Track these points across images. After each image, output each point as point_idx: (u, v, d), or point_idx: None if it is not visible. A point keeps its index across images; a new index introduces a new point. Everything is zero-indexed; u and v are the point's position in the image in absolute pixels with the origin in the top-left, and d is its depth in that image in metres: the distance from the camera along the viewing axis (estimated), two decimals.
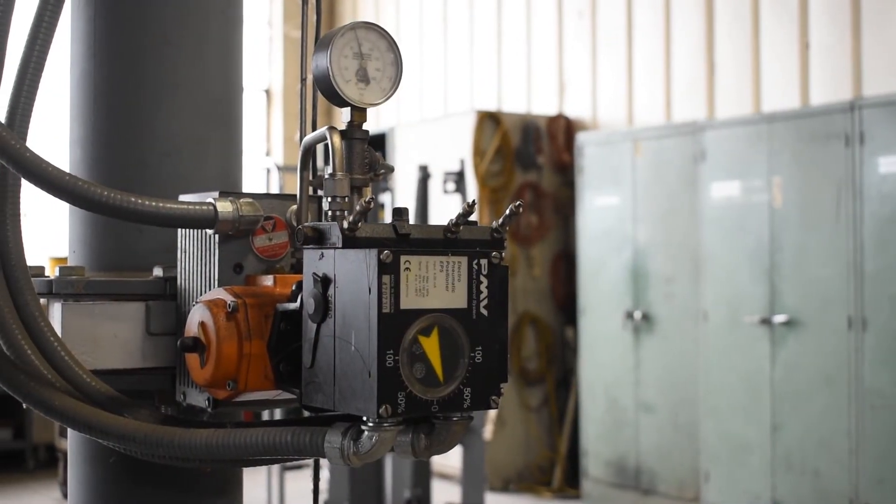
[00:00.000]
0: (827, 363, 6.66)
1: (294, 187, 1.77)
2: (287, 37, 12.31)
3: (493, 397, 1.49)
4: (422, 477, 6.44)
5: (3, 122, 1.61)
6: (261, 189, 8.06)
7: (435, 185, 7.92)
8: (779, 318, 6.91)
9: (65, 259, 1.96)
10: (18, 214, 1.69)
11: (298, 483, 8.22)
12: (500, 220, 1.54)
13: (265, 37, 12.45)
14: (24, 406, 1.66)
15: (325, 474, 6.49)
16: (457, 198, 7.96)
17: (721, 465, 7.31)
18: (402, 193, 8.59)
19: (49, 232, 8.48)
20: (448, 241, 1.51)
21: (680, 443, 7.66)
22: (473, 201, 1.50)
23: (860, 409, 6.47)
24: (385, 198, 8.02)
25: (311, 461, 1.86)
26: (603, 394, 8.26)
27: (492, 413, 8.58)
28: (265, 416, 6.46)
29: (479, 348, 1.47)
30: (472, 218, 1.53)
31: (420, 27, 11.34)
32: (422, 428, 1.51)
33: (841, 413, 6.57)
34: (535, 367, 9.11)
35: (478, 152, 8.94)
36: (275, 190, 8.39)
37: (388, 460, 6.34)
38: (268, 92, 12.50)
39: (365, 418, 1.43)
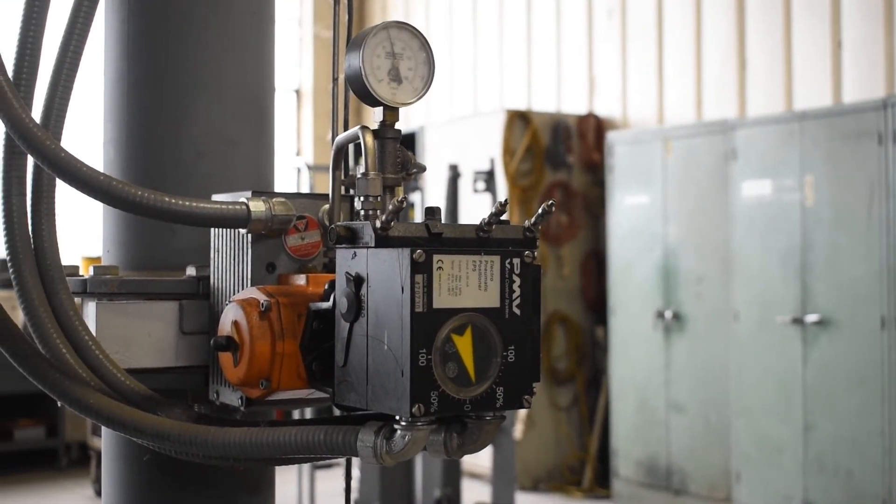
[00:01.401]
0: (859, 363, 6.61)
1: (324, 187, 1.77)
2: (317, 37, 12.34)
3: (526, 397, 1.49)
4: (452, 476, 6.45)
5: (38, 122, 1.62)
6: (291, 188, 8.09)
7: (465, 185, 7.92)
8: (811, 318, 6.86)
9: (97, 258, 1.97)
10: (54, 214, 1.71)
11: (329, 482, 8.25)
12: (533, 219, 1.54)
13: (295, 37, 12.48)
14: (59, 405, 1.67)
15: (355, 473, 6.50)
16: (487, 197, 7.95)
17: (752, 466, 7.27)
18: (431, 192, 8.60)
19: (82, 231, 8.54)
20: (480, 240, 1.51)
21: (711, 443, 7.62)
22: (506, 200, 1.50)
23: (893, 410, 6.42)
24: (415, 197, 8.03)
25: (341, 460, 1.87)
26: (633, 393, 8.24)
27: (521, 413, 8.57)
28: (295, 415, 6.48)
29: (512, 347, 1.47)
30: (503, 217, 1.53)
31: (450, 26, 11.34)
32: (454, 427, 1.51)
33: (874, 413, 6.52)
34: (565, 367, 9.10)
35: (507, 151, 8.93)
36: (305, 189, 8.41)
37: (418, 459, 6.35)
38: (298, 92, 12.54)
39: (398, 417, 1.43)
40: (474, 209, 8.23)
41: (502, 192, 8.61)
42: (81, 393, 1.62)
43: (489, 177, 7.88)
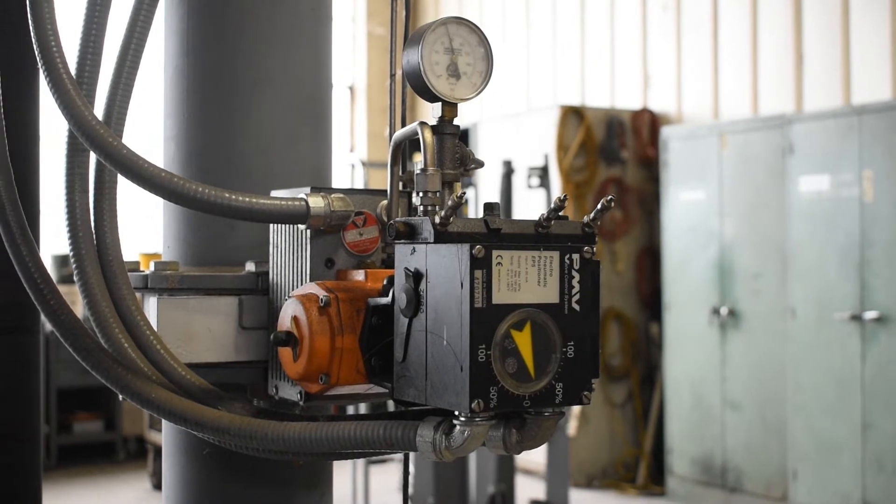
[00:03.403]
0: None
1: (378, 183, 1.78)
2: (370, 34, 12.38)
3: (585, 393, 1.48)
4: (506, 473, 6.44)
5: (100, 119, 1.64)
6: (345, 185, 8.12)
7: (519, 181, 7.91)
8: (870, 315, 6.77)
9: (155, 255, 1.99)
10: (115, 211, 1.73)
11: (382, 477, 8.28)
12: (592, 215, 1.53)
13: (349, 34, 12.53)
14: (121, 398, 1.69)
15: (410, 469, 6.51)
16: (541, 193, 7.93)
17: (810, 464, 7.19)
18: (485, 188, 8.59)
19: (140, 227, 8.63)
20: (539, 235, 1.51)
21: (767, 441, 7.55)
22: (565, 196, 1.49)
23: None
24: (468, 193, 8.03)
25: (395, 455, 1.87)
26: (688, 391, 8.18)
27: (575, 409, 8.55)
28: (350, 410, 6.51)
29: (571, 343, 1.46)
30: (561, 213, 1.52)
31: (503, 22, 11.32)
32: (513, 423, 1.50)
33: None
34: (620, 364, 9.06)
35: (561, 147, 8.90)
36: (359, 186, 8.44)
37: (472, 456, 6.35)
38: (352, 88, 12.59)
39: (457, 413, 1.43)
40: (529, 205, 8.21)
41: (556, 187, 8.58)
42: (143, 387, 1.64)
43: (543, 173, 7.87)
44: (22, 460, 2.07)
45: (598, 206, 1.52)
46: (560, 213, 1.51)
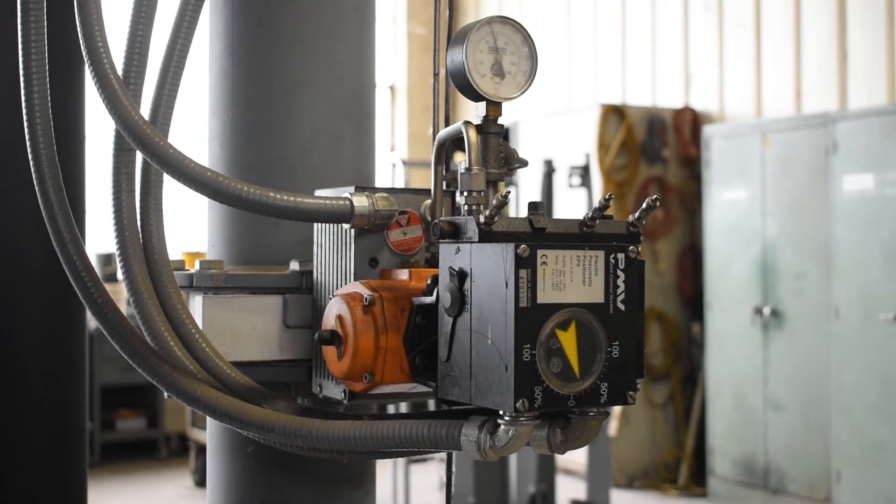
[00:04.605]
0: None
1: (419, 182, 1.78)
2: (411, 34, 12.39)
3: (630, 393, 1.47)
4: (547, 472, 6.43)
5: (146, 119, 1.65)
6: (386, 184, 8.14)
7: (560, 180, 7.89)
8: None
9: (199, 253, 2.00)
10: (161, 210, 1.74)
11: (423, 476, 8.28)
12: (637, 214, 1.52)
13: (389, 33, 12.55)
14: (166, 396, 1.70)
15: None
16: (582, 192, 7.91)
17: (854, 466, 7.12)
18: (526, 188, 8.58)
19: (182, 226, 8.68)
20: (584, 234, 1.50)
21: (811, 442, 7.49)
22: (611, 195, 1.49)
23: None
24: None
25: (436, 454, 1.87)
26: (730, 391, 8.13)
27: (616, 409, 8.52)
28: (390, 409, 6.52)
29: (616, 343, 1.45)
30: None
31: (543, 20, 11.29)
32: (558, 422, 1.50)
33: None
34: (661, 364, 9.01)
35: (602, 146, 8.87)
36: (400, 185, 8.45)
37: (512, 455, 6.34)
38: (392, 88, 12.60)
39: (501, 412, 1.43)
40: (570, 204, 8.19)
41: (597, 187, 8.55)
42: (189, 385, 1.65)
43: (584, 172, 7.85)
44: (68, 457, 2.10)
45: (643, 206, 1.51)
46: (604, 213, 1.51)
